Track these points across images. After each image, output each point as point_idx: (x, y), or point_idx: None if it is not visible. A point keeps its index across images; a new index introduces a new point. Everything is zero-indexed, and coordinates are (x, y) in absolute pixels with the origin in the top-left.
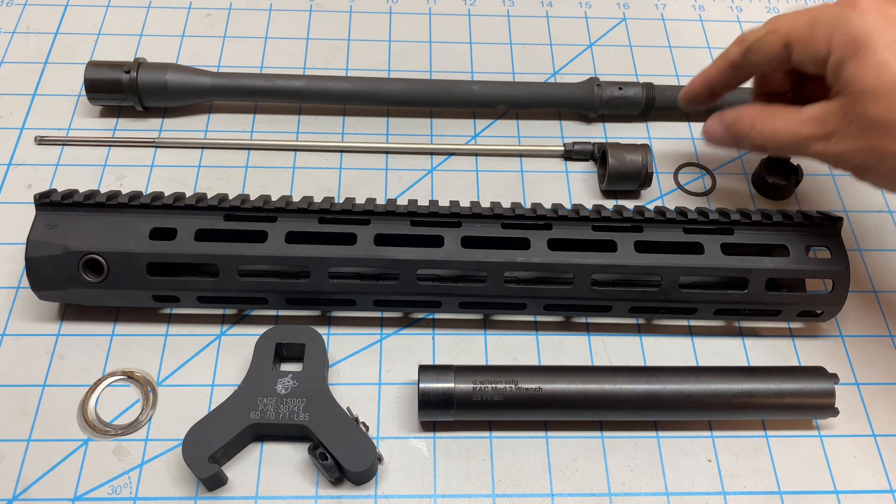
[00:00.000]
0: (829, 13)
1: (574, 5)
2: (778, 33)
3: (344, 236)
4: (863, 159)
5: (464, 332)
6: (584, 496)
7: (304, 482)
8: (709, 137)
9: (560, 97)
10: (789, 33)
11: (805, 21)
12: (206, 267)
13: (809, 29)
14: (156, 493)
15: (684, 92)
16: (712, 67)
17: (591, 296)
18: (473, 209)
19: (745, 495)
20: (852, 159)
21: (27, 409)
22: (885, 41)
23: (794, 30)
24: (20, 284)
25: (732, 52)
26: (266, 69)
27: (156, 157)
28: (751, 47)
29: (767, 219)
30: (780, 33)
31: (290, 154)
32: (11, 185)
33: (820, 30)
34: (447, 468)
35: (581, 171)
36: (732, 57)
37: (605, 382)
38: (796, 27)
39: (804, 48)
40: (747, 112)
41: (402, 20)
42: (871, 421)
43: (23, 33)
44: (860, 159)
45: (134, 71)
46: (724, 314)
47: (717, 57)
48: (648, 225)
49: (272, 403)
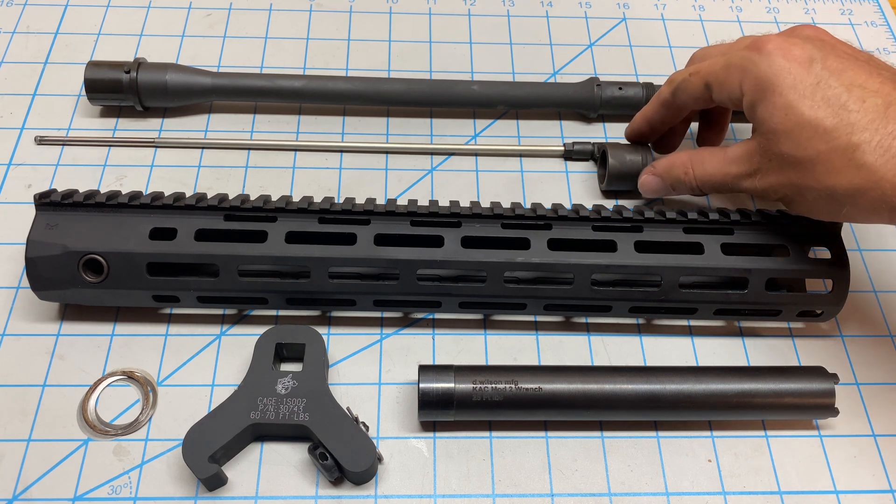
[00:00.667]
0: (739, 56)
1: (574, 5)
2: (699, 75)
3: (344, 236)
4: (785, 193)
5: (464, 332)
6: (584, 496)
7: (304, 482)
8: (645, 191)
9: (560, 97)
10: (707, 75)
11: (721, 64)
12: (206, 267)
13: (724, 72)
14: (156, 493)
15: (628, 130)
16: (649, 106)
17: (591, 296)
18: (473, 209)
19: (745, 495)
20: (777, 193)
21: (27, 409)
22: (789, 82)
23: (711, 72)
24: (20, 284)
25: (664, 92)
26: (266, 69)
27: (156, 157)
28: (678, 87)
29: (767, 219)
30: (700, 75)
31: (290, 154)
32: (11, 185)
33: (733, 73)
34: (447, 468)
35: (581, 171)
36: (664, 97)
37: (605, 382)
38: (713, 69)
39: (721, 90)
40: (678, 159)
41: (402, 20)
42: (871, 421)
43: (23, 33)
44: (783, 193)
45: (134, 71)
46: (724, 314)
47: (653, 96)
48: (648, 225)
49: (272, 403)
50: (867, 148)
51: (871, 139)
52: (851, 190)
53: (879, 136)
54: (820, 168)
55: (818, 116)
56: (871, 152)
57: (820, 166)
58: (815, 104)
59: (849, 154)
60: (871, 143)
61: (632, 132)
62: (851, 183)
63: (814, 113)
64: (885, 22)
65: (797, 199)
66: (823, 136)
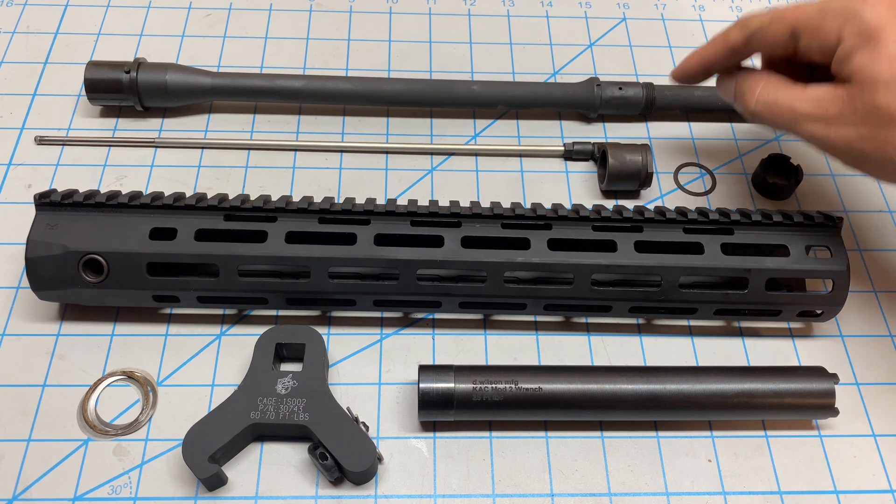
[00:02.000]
0: (840, 4)
1: (574, 5)
2: (784, 21)
3: (344, 236)
4: (864, 147)
5: (464, 332)
6: (584, 496)
7: (304, 482)
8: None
9: (560, 97)
10: (796, 21)
11: (813, 10)
12: (206, 267)
13: (819, 18)
14: (156, 493)
15: (678, 70)
16: (710, 48)
17: (591, 296)
18: (473, 209)
19: (745, 495)
20: (852, 147)
21: (27, 409)
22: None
23: (801, 18)
24: (20, 284)
25: (734, 36)
26: (266, 69)
27: (156, 157)
28: (754, 33)
29: (767, 219)
30: (786, 21)
31: (290, 154)
32: (11, 185)
33: (830, 19)
34: (447, 468)
35: (581, 171)
36: (733, 41)
37: (605, 382)
38: (803, 16)
39: (812, 36)
40: (754, 73)
41: (402, 20)
42: (871, 421)
43: (23, 33)
44: (860, 147)
45: (134, 71)
46: (724, 314)
47: (715, 38)
48: (648, 225)
49: (272, 403)
50: None
51: None
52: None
53: None
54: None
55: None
56: None
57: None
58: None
59: None
60: None
61: (683, 72)
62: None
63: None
64: None
65: (875, 157)
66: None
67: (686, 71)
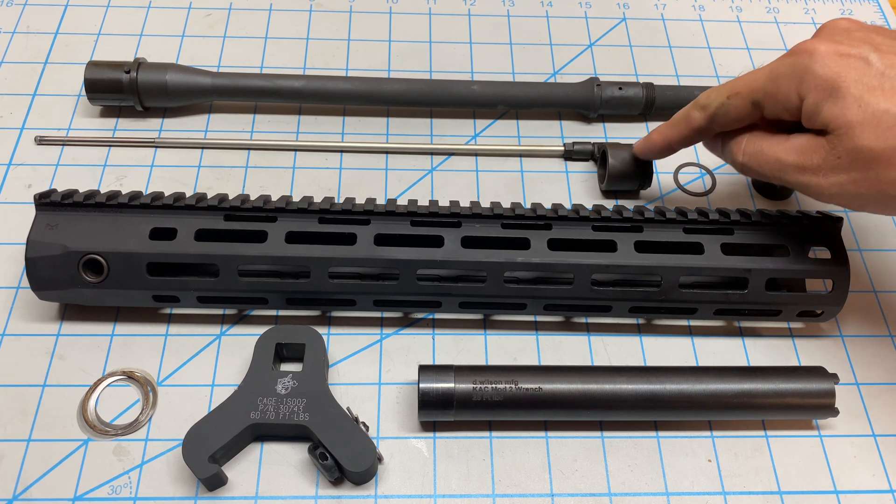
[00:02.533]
0: (788, 65)
1: (574, 5)
2: (741, 96)
3: (344, 236)
4: (859, 190)
5: (464, 332)
6: (584, 496)
7: (304, 482)
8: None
9: (560, 97)
10: (752, 94)
11: (765, 79)
12: (206, 267)
13: (773, 85)
14: (156, 493)
15: (641, 145)
16: (674, 130)
17: (591, 296)
18: (473, 209)
19: (745, 495)
20: (847, 191)
21: (27, 409)
22: (853, 77)
23: (756, 89)
24: (20, 284)
25: (696, 118)
26: (266, 69)
27: (156, 157)
28: (716, 113)
29: (767, 219)
30: (742, 95)
31: (290, 154)
32: (11, 185)
33: (785, 83)
34: (447, 468)
35: (581, 171)
36: (696, 124)
37: (605, 382)
38: (757, 86)
39: (774, 103)
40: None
41: (402, 20)
42: (871, 421)
43: (23, 33)
44: (856, 190)
45: (134, 71)
46: (724, 314)
47: (678, 120)
48: (648, 225)
49: (272, 403)
50: None
51: None
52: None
53: None
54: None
55: (894, 104)
56: None
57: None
58: (885, 94)
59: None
60: None
61: (647, 151)
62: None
63: (888, 102)
64: (885, 22)
65: (872, 197)
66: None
67: (650, 148)
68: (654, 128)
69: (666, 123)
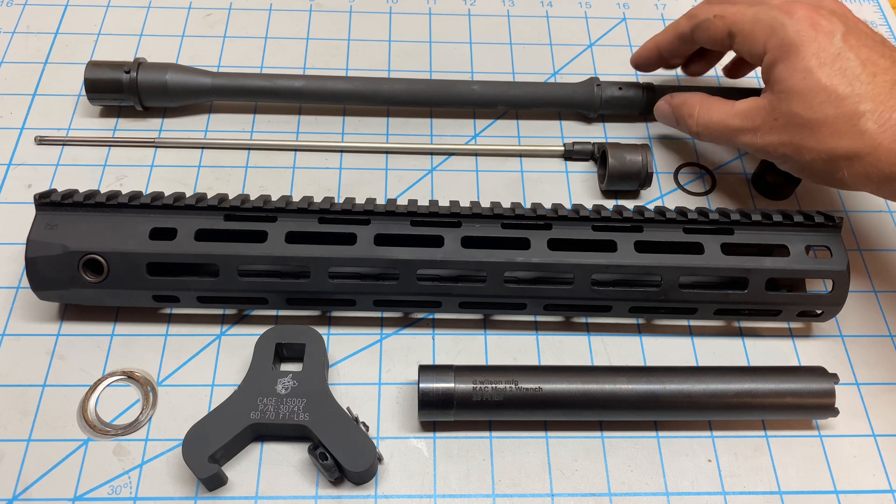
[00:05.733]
0: (770, 15)
1: (574, 5)
2: (724, 20)
3: (344, 236)
4: (786, 151)
5: (464, 332)
6: (584, 496)
7: (304, 482)
8: (657, 115)
9: (560, 97)
10: (733, 24)
11: (749, 16)
12: (206, 267)
13: (752, 25)
14: (156, 493)
15: (635, 55)
16: (662, 35)
17: (591, 296)
18: (473, 209)
19: (745, 495)
20: (776, 151)
21: (27, 409)
22: (813, 49)
23: (737, 21)
24: (20, 284)
25: (682, 25)
26: (266, 69)
27: (156, 157)
28: (698, 25)
29: (767, 219)
30: (725, 21)
31: (290, 154)
32: (11, 185)
33: (759, 29)
34: (447, 468)
35: (581, 171)
36: (682, 30)
37: (605, 382)
38: (741, 20)
39: (744, 41)
40: (690, 99)
41: (402, 20)
42: (871, 421)
43: (23, 33)
44: (784, 151)
45: (134, 71)
46: (724, 314)
47: (669, 26)
48: (648, 225)
49: (272, 403)
50: (871, 117)
51: (875, 109)
52: (850, 153)
53: (882, 108)
54: (825, 130)
55: (833, 83)
56: (873, 121)
57: (826, 129)
58: (832, 72)
59: (854, 121)
60: (874, 112)
61: (639, 59)
62: (852, 147)
63: (830, 80)
64: (885, 22)
65: (794, 158)
66: (835, 101)
67: (641, 56)
68: (654, 128)
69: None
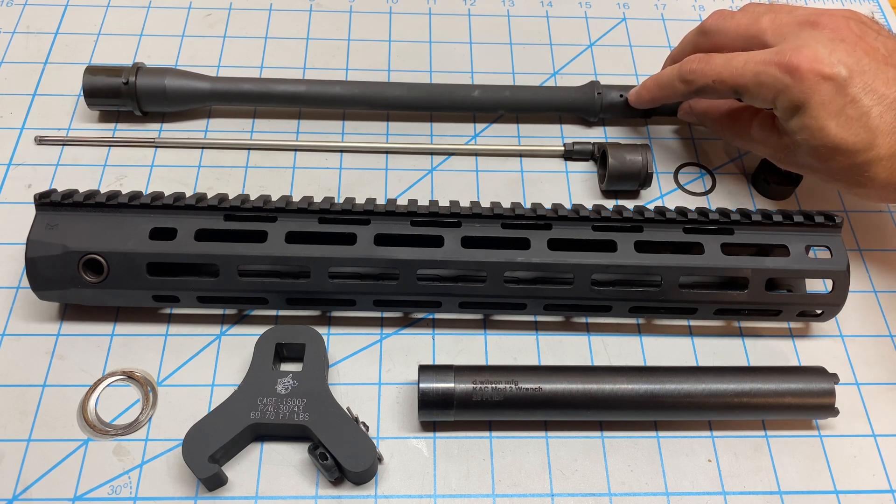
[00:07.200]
0: (771, 76)
1: (574, 5)
2: (725, 84)
3: (344, 236)
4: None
5: (464, 332)
6: (584, 496)
7: (304, 482)
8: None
9: (560, 103)
10: (736, 85)
11: (749, 76)
12: (206, 267)
13: (756, 85)
14: (156, 493)
15: (634, 96)
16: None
17: (591, 296)
18: (473, 209)
19: (745, 495)
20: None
21: (27, 409)
22: (818, 101)
23: (740, 83)
24: (20, 284)
25: (680, 89)
26: (266, 69)
27: (156, 158)
28: (699, 90)
29: (767, 219)
30: (727, 84)
31: (290, 154)
32: (11, 185)
33: (765, 89)
34: (447, 468)
35: (581, 171)
36: (680, 91)
37: (605, 382)
38: (742, 80)
39: (752, 99)
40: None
41: (402, 20)
42: (871, 421)
43: (23, 33)
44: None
45: (132, 76)
46: (724, 314)
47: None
48: (648, 225)
49: (272, 403)
50: (879, 163)
51: (885, 155)
52: (860, 194)
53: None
54: (837, 175)
55: (843, 137)
56: (883, 168)
57: (838, 175)
58: (839, 125)
59: (864, 169)
60: (882, 159)
61: (639, 99)
62: (861, 189)
63: (839, 133)
64: (885, 22)
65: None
66: (845, 153)
67: (641, 97)
68: (654, 128)
69: (655, 80)
